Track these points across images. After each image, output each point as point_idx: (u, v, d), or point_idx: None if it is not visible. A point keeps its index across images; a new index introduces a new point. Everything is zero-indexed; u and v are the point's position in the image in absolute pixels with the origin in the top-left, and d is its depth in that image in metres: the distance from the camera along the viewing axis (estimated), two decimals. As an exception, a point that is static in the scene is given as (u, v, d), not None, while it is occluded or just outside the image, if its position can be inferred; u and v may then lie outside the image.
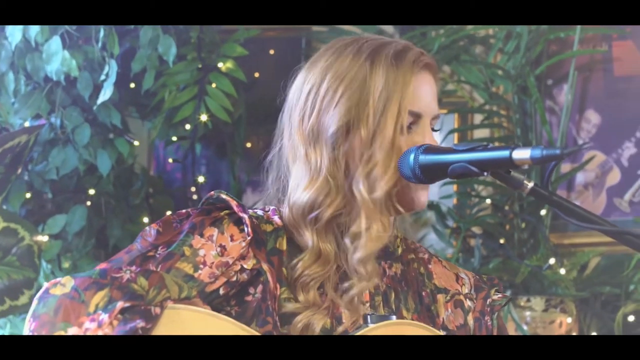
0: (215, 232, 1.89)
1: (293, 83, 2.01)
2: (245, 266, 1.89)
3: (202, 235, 1.88)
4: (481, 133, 4.38)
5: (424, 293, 2.03)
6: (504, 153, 1.83)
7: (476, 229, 4.28)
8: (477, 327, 2.05)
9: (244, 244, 1.89)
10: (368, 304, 1.96)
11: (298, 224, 1.93)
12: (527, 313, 4.08)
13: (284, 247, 1.93)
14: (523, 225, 4.24)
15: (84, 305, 1.74)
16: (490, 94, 4.32)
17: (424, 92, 1.96)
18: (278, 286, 1.89)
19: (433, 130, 1.99)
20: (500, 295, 2.08)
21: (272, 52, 4.41)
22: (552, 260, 4.08)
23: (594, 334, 4.10)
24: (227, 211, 1.91)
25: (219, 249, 1.88)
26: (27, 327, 1.76)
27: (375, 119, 1.92)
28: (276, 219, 1.95)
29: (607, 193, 4.28)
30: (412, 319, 1.98)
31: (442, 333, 1.96)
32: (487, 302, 2.06)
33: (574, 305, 4.09)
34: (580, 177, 4.31)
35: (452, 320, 2.03)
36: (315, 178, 1.93)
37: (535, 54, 4.26)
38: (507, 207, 4.27)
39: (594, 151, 4.28)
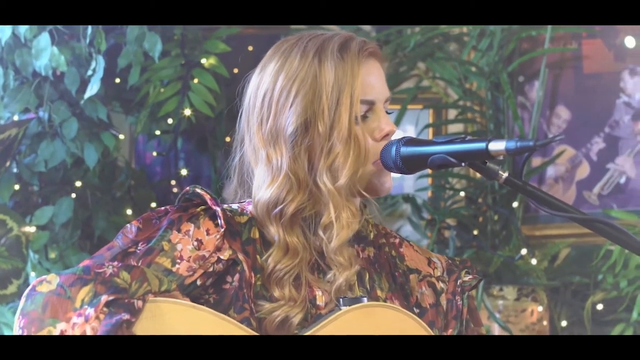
0: (191, 227, 1.93)
1: (247, 89, 2.05)
2: (221, 257, 1.93)
3: (179, 231, 1.93)
4: (455, 128, 4.40)
5: (397, 274, 2.08)
6: (481, 145, 1.89)
7: (450, 221, 4.30)
8: (449, 307, 2.10)
9: (218, 236, 1.94)
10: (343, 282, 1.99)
11: (264, 221, 1.98)
12: (500, 302, 4.12)
13: (257, 235, 1.99)
14: (496, 217, 4.27)
15: (70, 301, 1.78)
16: (464, 90, 4.35)
17: (373, 79, 2.02)
18: (253, 274, 1.94)
19: (386, 112, 2.04)
20: (470, 277, 2.12)
21: (251, 48, 4.38)
22: (523, 251, 4.11)
23: (564, 322, 4.14)
24: (203, 207, 1.96)
25: (195, 243, 1.93)
26: (17, 325, 1.79)
27: (331, 113, 1.97)
28: (250, 208, 2.01)
29: (577, 186, 4.30)
30: (387, 298, 2.04)
31: (414, 312, 2.02)
32: (458, 283, 2.11)
33: (545, 294, 4.12)
34: (550, 171, 4.33)
35: (425, 299, 2.08)
36: (277, 176, 1.98)
37: (507, 51, 4.28)
38: (480, 200, 4.31)
39: (564, 146, 4.30)
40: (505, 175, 1.92)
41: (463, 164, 1.93)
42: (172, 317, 1.83)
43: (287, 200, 1.96)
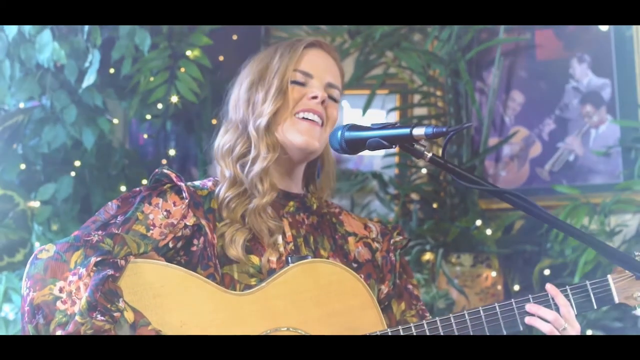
0: (160, 200, 2.26)
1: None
2: (187, 223, 2.25)
3: (150, 204, 2.25)
4: (419, 111, 4.56)
5: (337, 236, 2.41)
6: (406, 130, 2.13)
7: (414, 195, 4.49)
8: (384, 263, 2.43)
9: (184, 206, 2.26)
10: (292, 244, 2.31)
11: (218, 161, 2.33)
12: (457, 268, 4.31)
13: (215, 206, 2.31)
14: (455, 192, 4.45)
15: (66, 263, 2.08)
16: (427, 77, 4.54)
17: (313, 59, 2.38)
18: (215, 236, 2.26)
19: (334, 100, 2.36)
20: (401, 237, 2.46)
21: (235, 37, 4.55)
22: (478, 222, 4.30)
23: (517, 287, 4.28)
24: (169, 184, 2.29)
25: (165, 213, 2.24)
26: (24, 286, 2.08)
27: (270, 76, 2.33)
28: (209, 184, 2.35)
29: (530, 164, 4.46)
30: (329, 256, 2.36)
31: (352, 267, 2.32)
32: (391, 242, 2.44)
33: (497, 261, 4.30)
34: (506, 150, 4.50)
35: (361, 256, 2.41)
36: (231, 128, 2.35)
37: (466, 41, 4.47)
38: (441, 177, 4.49)
39: (518, 126, 4.46)
40: (429, 155, 2.15)
41: (394, 146, 2.18)
42: (150, 274, 2.11)
43: (236, 144, 2.33)
